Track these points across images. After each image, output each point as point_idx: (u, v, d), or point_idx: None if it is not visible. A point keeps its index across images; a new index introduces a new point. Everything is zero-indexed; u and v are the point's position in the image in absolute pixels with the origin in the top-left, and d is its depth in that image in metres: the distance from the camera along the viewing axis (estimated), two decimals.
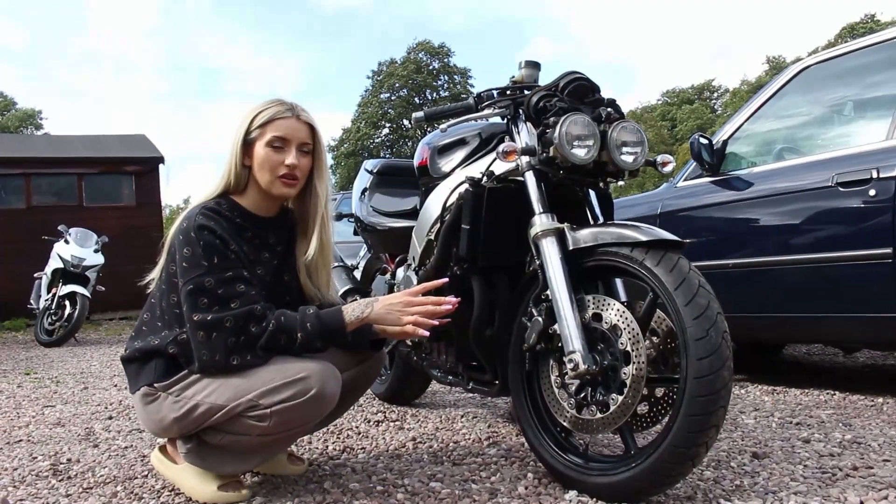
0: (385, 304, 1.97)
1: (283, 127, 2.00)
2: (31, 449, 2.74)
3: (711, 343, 1.70)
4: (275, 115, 2.00)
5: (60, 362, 6.10)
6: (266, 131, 2.00)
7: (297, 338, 1.89)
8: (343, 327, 1.94)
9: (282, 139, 2.00)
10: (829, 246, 3.10)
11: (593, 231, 1.97)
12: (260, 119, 2.00)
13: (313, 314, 1.92)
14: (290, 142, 2.01)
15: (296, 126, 2.02)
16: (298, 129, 2.02)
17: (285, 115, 2.01)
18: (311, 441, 2.67)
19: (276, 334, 1.87)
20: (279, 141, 1.99)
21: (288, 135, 2.00)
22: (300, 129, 2.03)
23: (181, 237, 1.92)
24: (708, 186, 3.69)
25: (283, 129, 2.00)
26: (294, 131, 2.01)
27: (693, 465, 1.75)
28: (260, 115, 2.01)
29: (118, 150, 12.72)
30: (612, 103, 2.13)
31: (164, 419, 1.95)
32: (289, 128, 2.01)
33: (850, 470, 2.10)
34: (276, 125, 2.00)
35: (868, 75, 3.40)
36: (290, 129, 2.01)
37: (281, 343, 1.88)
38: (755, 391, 3.47)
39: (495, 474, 2.17)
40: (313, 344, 1.90)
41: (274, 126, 2.00)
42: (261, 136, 2.00)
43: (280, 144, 2.00)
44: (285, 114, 2.01)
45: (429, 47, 44.66)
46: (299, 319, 1.90)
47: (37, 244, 9.14)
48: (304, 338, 1.89)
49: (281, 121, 2.00)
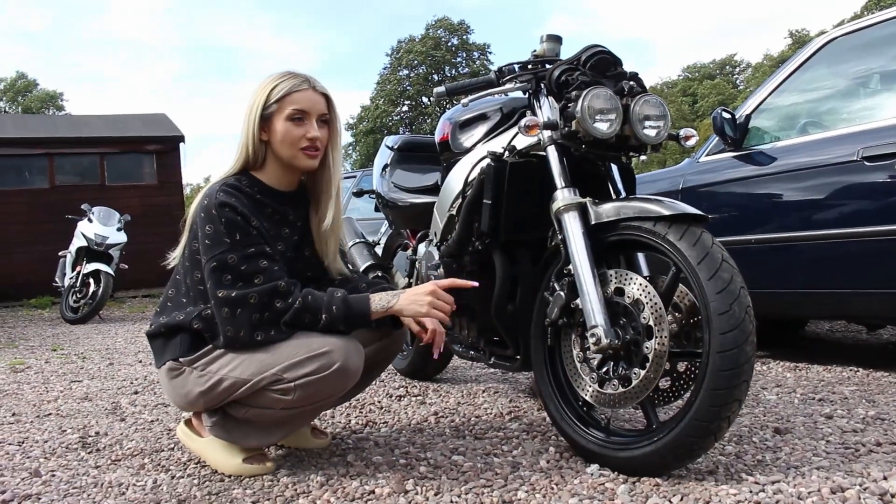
0: (409, 297, 1.97)
1: (302, 100, 2.00)
2: (60, 422, 2.79)
3: (735, 317, 1.69)
4: (292, 87, 2.00)
5: (86, 339, 6.19)
6: (284, 105, 2.00)
7: (321, 318, 1.90)
8: (368, 315, 1.94)
9: (302, 112, 2.00)
10: (854, 221, 3.06)
11: (616, 205, 1.96)
12: (277, 93, 2.00)
13: (341, 297, 1.92)
14: (310, 114, 2.01)
15: (314, 97, 2.02)
16: (317, 101, 2.03)
17: (302, 88, 2.01)
18: (333, 415, 2.70)
19: (301, 312, 1.89)
20: (299, 113, 2.00)
21: (308, 107, 2.01)
22: (318, 101, 2.03)
23: (203, 214, 1.93)
24: (731, 161, 3.65)
25: (302, 101, 2.00)
26: (313, 103, 2.02)
27: (715, 440, 1.75)
28: (276, 89, 2.00)
29: (139, 130, 12.80)
30: (634, 77, 2.12)
31: (189, 393, 1.97)
32: (308, 100, 2.01)
33: (873, 446, 2.09)
34: (294, 98, 2.00)
35: (894, 47, 3.34)
36: (309, 102, 2.01)
37: (305, 321, 1.90)
38: (777, 367, 3.45)
39: (517, 448, 2.18)
40: (336, 327, 1.91)
41: (292, 99, 2.00)
42: (279, 110, 2.00)
43: (300, 117, 2.00)
44: (302, 86, 2.01)
45: (448, 24, 44.38)
46: (325, 301, 1.91)
47: (61, 223, 9.25)
48: (328, 319, 1.90)
49: (298, 93, 2.01)
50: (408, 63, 44.25)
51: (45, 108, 45.72)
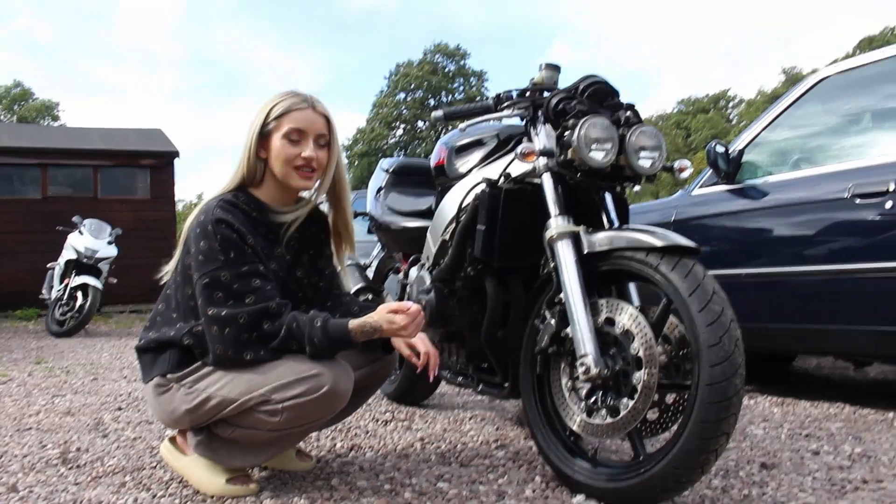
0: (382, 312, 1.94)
1: (300, 119, 2.00)
2: (41, 437, 2.76)
3: (724, 350, 1.69)
4: (291, 106, 2.01)
5: (71, 353, 6.13)
6: (283, 123, 2.00)
7: (304, 345, 1.88)
8: (348, 336, 1.90)
9: (298, 131, 2.00)
10: (844, 258, 3.08)
11: (609, 235, 1.97)
12: (276, 111, 2.00)
13: (320, 327, 1.88)
14: (306, 133, 2.01)
15: (312, 117, 2.02)
16: (315, 121, 2.02)
17: (301, 107, 2.01)
18: (318, 438, 2.67)
19: (287, 340, 1.88)
20: (296, 133, 2.00)
21: (305, 126, 2.00)
22: (316, 121, 2.03)
23: (198, 230, 1.92)
24: (723, 195, 3.67)
25: (299, 120, 2.00)
26: (311, 123, 2.02)
27: (703, 473, 1.75)
28: (276, 107, 2.01)
29: (134, 144, 12.78)
30: (630, 107, 2.13)
31: (175, 410, 1.95)
32: (305, 119, 2.01)
33: (859, 483, 2.08)
34: (292, 117, 2.00)
35: (886, 87, 3.38)
36: (306, 121, 2.01)
37: (293, 349, 1.89)
38: (764, 402, 3.45)
39: (503, 476, 2.17)
40: (323, 355, 1.89)
41: (290, 118, 2.00)
42: (277, 128, 2.00)
43: (297, 137, 2.00)
44: (301, 105, 2.01)
45: (445, 49, 44.69)
46: (307, 332, 1.88)
47: (51, 234, 9.19)
48: (311, 351, 1.88)
49: (297, 112, 2.01)
50: (404, 87, 44.48)
51: (40, 118, 45.65)
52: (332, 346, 1.88)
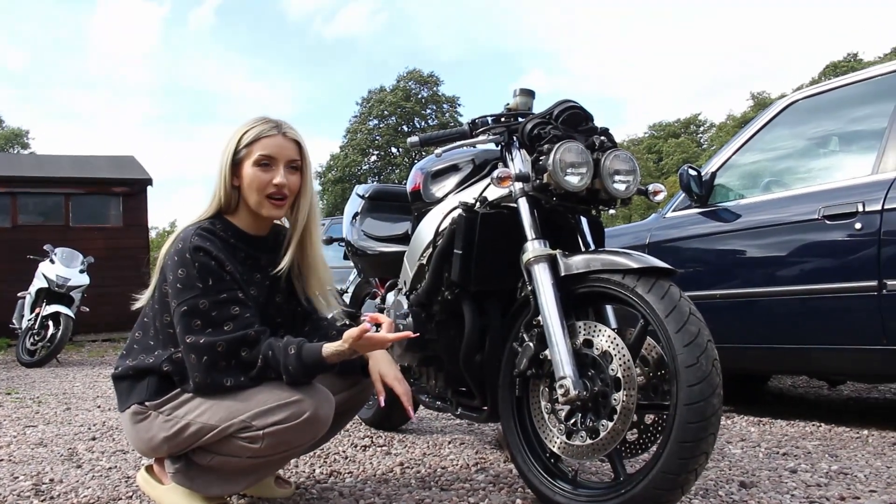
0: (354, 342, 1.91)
1: (270, 145, 2.00)
2: (13, 469, 2.71)
3: (702, 370, 1.71)
4: (261, 133, 2.00)
5: (42, 383, 6.03)
6: (253, 150, 1.99)
7: (280, 373, 1.87)
8: (323, 362, 1.89)
9: (269, 157, 1.99)
10: (816, 278, 3.13)
11: (585, 258, 1.99)
12: (247, 138, 2.00)
13: (294, 355, 1.87)
14: (277, 160, 2.00)
15: (282, 143, 2.02)
16: (285, 147, 2.02)
17: (271, 133, 2.01)
18: (297, 465, 2.65)
19: (264, 370, 1.87)
20: (266, 159, 1.99)
21: (275, 153, 2.00)
22: (287, 147, 2.02)
23: (175, 258, 1.91)
24: (696, 217, 3.73)
25: (269, 147, 1.99)
26: (281, 149, 2.01)
27: (682, 493, 1.75)
28: (246, 135, 2.00)
29: (106, 171, 12.69)
30: (605, 132, 2.16)
31: (153, 438, 1.93)
32: (275, 146, 2.00)
33: (837, 500, 2.10)
34: (262, 143, 1.99)
35: (854, 111, 3.46)
36: (276, 147, 2.00)
37: (271, 377, 1.88)
38: (741, 422, 3.48)
39: (484, 500, 2.16)
40: (299, 381, 1.88)
41: (261, 144, 1.99)
42: (248, 155, 1.99)
43: (267, 163, 1.99)
44: (271, 132, 2.01)
45: (418, 76, 44.93)
46: (282, 362, 1.86)
47: (21, 263, 9.07)
48: (288, 378, 1.87)
49: (267, 139, 2.00)
50: (378, 113, 44.62)
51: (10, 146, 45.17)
52: (306, 372, 1.87)
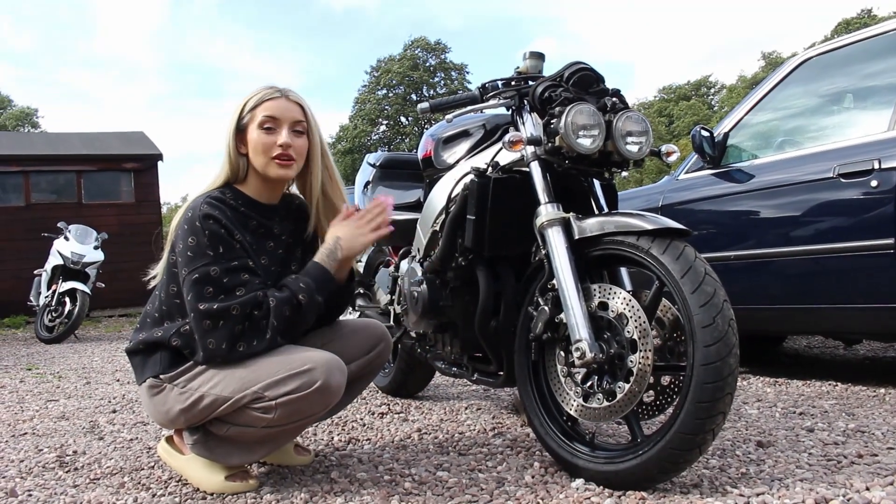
0: (346, 236, 2.04)
1: (273, 107, 2.01)
2: (37, 441, 2.75)
3: (718, 330, 1.70)
4: (264, 97, 2.02)
5: (62, 358, 6.10)
6: (256, 114, 2.01)
7: (299, 301, 1.90)
8: (327, 273, 1.98)
9: (272, 118, 2.01)
10: (831, 237, 3.10)
11: (599, 220, 1.97)
12: (251, 103, 2.02)
13: (298, 277, 1.96)
14: (280, 121, 2.01)
15: (285, 105, 2.03)
16: (288, 109, 2.03)
17: (274, 97, 2.03)
18: (315, 433, 2.68)
19: (280, 308, 1.88)
20: (270, 121, 2.00)
21: (278, 114, 2.01)
22: (290, 109, 2.03)
23: (185, 226, 1.92)
24: (709, 179, 3.70)
25: (272, 109, 2.01)
26: (284, 111, 2.02)
27: (700, 453, 1.76)
28: (251, 100, 2.03)
29: (117, 148, 12.69)
30: (616, 93, 2.14)
31: (170, 410, 1.95)
32: (278, 107, 2.02)
33: (854, 457, 2.10)
34: (265, 106, 2.01)
35: (868, 67, 3.41)
36: (279, 109, 2.02)
37: (287, 314, 1.89)
38: (757, 382, 3.48)
39: (501, 464, 2.18)
40: (315, 299, 1.93)
41: (263, 107, 2.01)
42: (252, 119, 2.01)
43: (272, 125, 2.01)
44: (274, 94, 2.03)
45: (425, 44, 44.55)
46: (291, 287, 1.92)
47: (36, 241, 9.15)
48: (305, 298, 1.91)
49: (270, 102, 2.02)
50: (386, 83, 44.35)
51: (20, 126, 45.27)
52: (317, 284, 1.95)
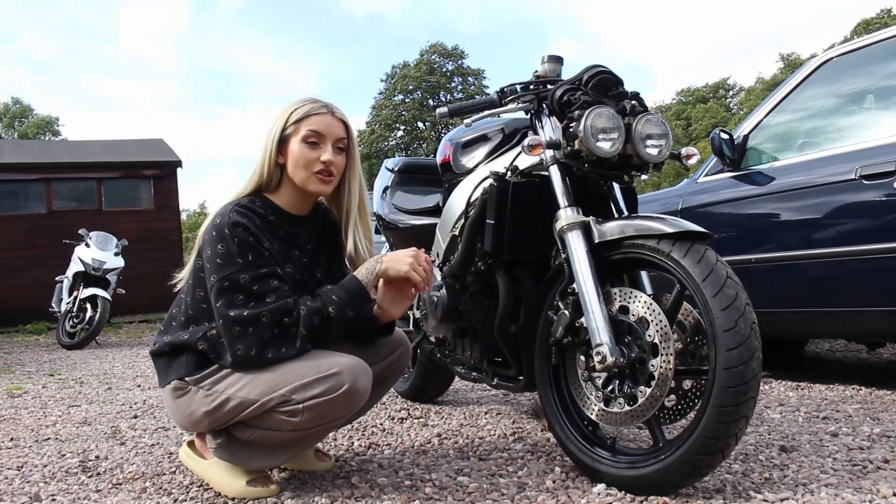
0: (392, 256, 2.03)
1: (319, 122, 2.02)
2: (60, 447, 2.77)
3: (740, 333, 1.69)
4: (310, 111, 2.02)
5: (83, 364, 6.15)
6: (301, 127, 2.01)
7: (328, 313, 1.91)
8: (363, 289, 1.99)
9: (318, 134, 2.01)
10: (854, 239, 3.07)
11: (619, 224, 1.96)
12: (295, 115, 2.02)
13: (332, 288, 1.97)
14: (325, 137, 2.02)
15: (331, 122, 2.04)
16: (333, 126, 2.04)
17: (321, 112, 2.03)
18: (336, 438, 2.68)
19: (310, 316, 1.89)
20: (315, 136, 2.01)
21: (324, 130, 2.02)
22: (335, 126, 2.04)
23: (214, 233, 1.93)
24: (729, 181, 3.67)
25: (318, 124, 2.02)
26: (329, 127, 2.03)
27: (723, 457, 1.74)
28: (295, 112, 2.03)
29: (136, 155, 12.81)
30: (635, 96, 2.13)
31: (194, 413, 1.96)
32: (324, 123, 2.02)
33: (880, 463, 2.08)
34: (311, 121, 2.02)
35: (890, 67, 3.37)
36: (325, 125, 2.02)
37: (316, 324, 1.89)
38: (779, 387, 3.45)
39: (522, 469, 2.17)
40: (345, 313, 1.93)
41: (309, 122, 2.01)
42: (296, 132, 2.02)
43: (315, 140, 2.01)
44: (320, 110, 2.03)
45: (441, 49, 44.63)
46: (323, 297, 1.93)
47: (57, 248, 9.24)
48: (335, 311, 1.91)
49: (316, 117, 2.02)
50: (402, 88, 44.44)
51: (41, 134, 45.79)
52: (350, 298, 1.95)
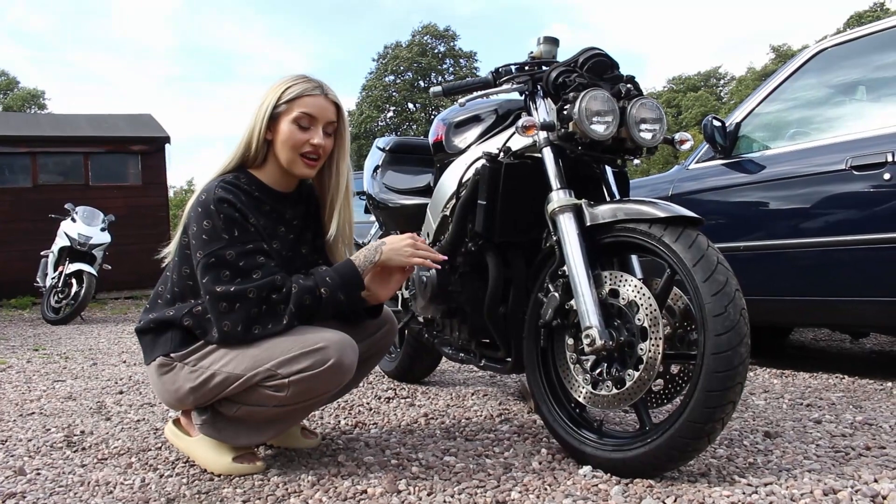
0: (391, 246, 2.01)
1: (312, 104, 1.99)
2: (44, 421, 2.76)
3: (730, 319, 1.69)
4: (303, 91, 1.99)
5: (68, 339, 6.12)
6: (293, 107, 1.98)
7: (320, 293, 1.90)
8: (358, 275, 1.97)
9: (309, 117, 1.99)
10: (843, 229, 3.09)
11: (611, 207, 1.96)
12: (288, 94, 1.99)
13: (327, 270, 1.96)
14: (317, 120, 2.00)
15: (324, 104, 2.01)
16: (326, 108, 2.01)
17: (314, 93, 2.00)
18: (322, 416, 2.68)
19: (301, 295, 1.88)
20: (306, 119, 1.99)
21: (316, 113, 1.99)
22: (328, 108, 2.02)
23: (199, 209, 1.91)
24: (720, 169, 3.68)
25: (311, 106, 1.99)
26: (322, 110, 2.00)
27: (709, 442, 1.75)
28: (289, 90, 1.99)
29: (124, 130, 12.68)
30: (630, 80, 2.12)
31: (179, 389, 1.95)
32: (318, 106, 2.00)
33: (862, 449, 2.10)
34: (304, 102, 1.99)
35: (882, 59, 3.38)
36: (318, 108, 2.00)
37: (306, 303, 1.88)
38: (764, 374, 3.47)
39: (508, 450, 2.17)
40: (337, 296, 1.92)
41: (302, 102, 1.98)
42: (287, 111, 1.99)
43: (307, 123, 1.99)
44: (314, 91, 2.00)
45: (433, 31, 44.36)
46: (317, 278, 1.92)
47: (43, 223, 9.16)
48: (327, 292, 1.90)
49: (309, 98, 1.99)
50: (394, 69, 44.20)
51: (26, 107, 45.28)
52: (344, 282, 1.93)
